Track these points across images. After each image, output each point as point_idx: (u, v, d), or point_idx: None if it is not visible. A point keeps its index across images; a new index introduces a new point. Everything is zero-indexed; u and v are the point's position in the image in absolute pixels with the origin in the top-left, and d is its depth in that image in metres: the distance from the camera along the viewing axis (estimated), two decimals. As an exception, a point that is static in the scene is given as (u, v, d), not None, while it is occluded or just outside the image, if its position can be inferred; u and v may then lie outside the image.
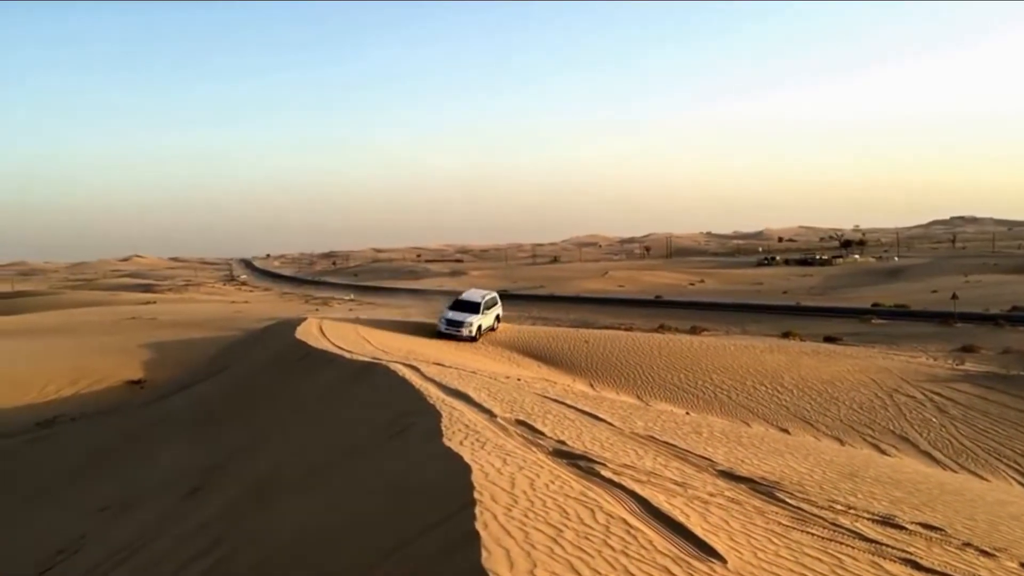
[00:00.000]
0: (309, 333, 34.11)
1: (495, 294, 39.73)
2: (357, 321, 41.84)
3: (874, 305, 64.70)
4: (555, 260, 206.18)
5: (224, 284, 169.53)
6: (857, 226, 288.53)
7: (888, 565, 6.72)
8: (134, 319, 60.53)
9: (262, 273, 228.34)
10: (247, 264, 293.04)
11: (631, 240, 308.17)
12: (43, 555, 14.63)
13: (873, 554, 6.98)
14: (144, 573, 10.96)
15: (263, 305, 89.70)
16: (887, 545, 7.29)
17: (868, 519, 8.19)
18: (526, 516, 6.72)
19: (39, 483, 20.72)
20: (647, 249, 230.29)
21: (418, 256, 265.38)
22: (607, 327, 49.80)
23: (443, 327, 35.77)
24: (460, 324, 35.27)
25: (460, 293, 39.39)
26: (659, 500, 7.56)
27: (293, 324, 37.66)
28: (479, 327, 36.10)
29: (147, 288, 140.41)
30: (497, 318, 38.87)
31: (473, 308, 36.53)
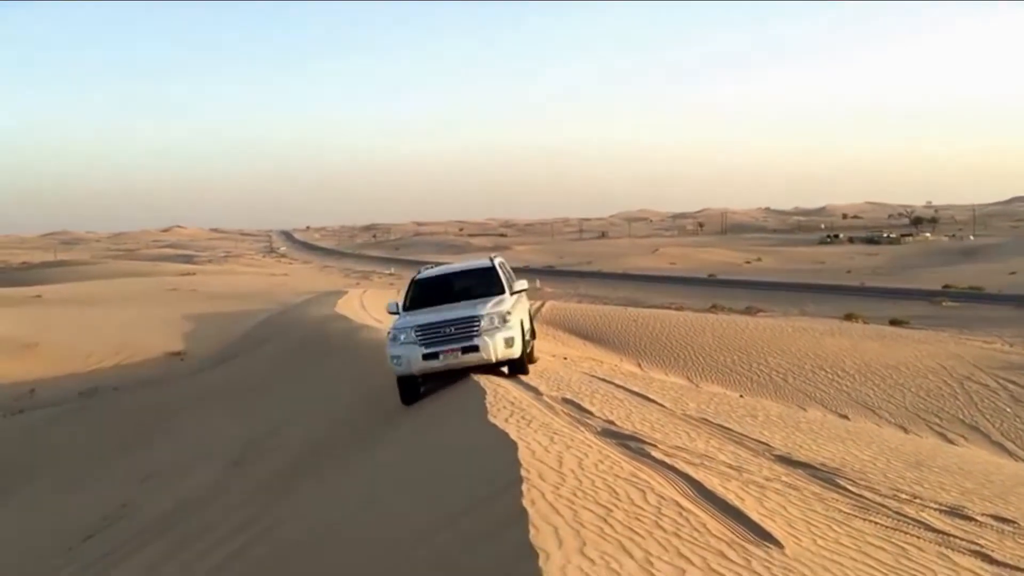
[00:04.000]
0: (350, 307, 34.25)
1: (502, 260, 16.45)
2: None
3: (945, 287, 62.54)
4: (603, 235, 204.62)
5: (264, 256, 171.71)
6: (929, 202, 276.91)
7: (957, 557, 6.37)
8: (175, 290, 61.57)
9: (302, 245, 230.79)
10: (287, 236, 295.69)
11: (683, 215, 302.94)
12: (88, 521, 14.85)
13: (940, 545, 6.62)
14: (188, 543, 11.00)
15: (303, 278, 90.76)
16: (956, 536, 6.92)
17: (935, 509, 7.80)
18: (575, 495, 6.53)
19: (83, 451, 21.11)
20: (700, 225, 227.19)
21: (460, 230, 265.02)
22: (657, 306, 49.25)
23: (407, 350, 13.41)
24: (470, 327, 13.48)
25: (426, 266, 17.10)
26: (713, 483, 7.29)
27: (333, 298, 37.80)
28: (523, 334, 14.53)
29: (187, 259, 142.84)
30: (532, 327, 17.67)
31: (486, 283, 15.08)
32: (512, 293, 14.81)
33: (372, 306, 35.11)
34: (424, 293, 14.95)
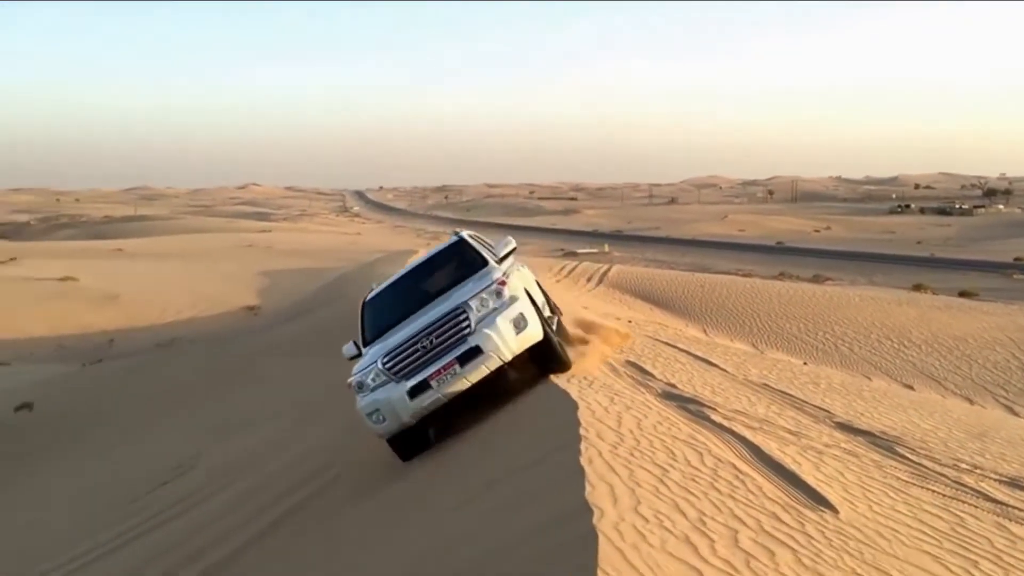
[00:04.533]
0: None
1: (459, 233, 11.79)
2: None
3: (1017, 259, 60.93)
4: (672, 201, 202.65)
5: (337, 215, 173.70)
6: (1003, 174, 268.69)
7: (1014, 527, 6.34)
8: (250, 247, 62.96)
9: (375, 205, 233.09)
10: (360, 196, 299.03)
11: (754, 183, 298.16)
12: (161, 468, 15.44)
13: (998, 515, 6.59)
14: (254, 493, 11.43)
15: (375, 237, 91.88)
16: (1015, 507, 6.87)
17: (995, 480, 7.74)
18: (632, 455, 6.64)
19: (158, 401, 21.86)
20: (770, 193, 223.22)
21: (531, 193, 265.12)
22: (724, 272, 48.78)
23: (383, 395, 9.37)
24: (457, 324, 9.37)
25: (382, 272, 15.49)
26: (771, 447, 7.35)
27: (405, 256, 38.15)
28: (538, 307, 10.19)
29: (263, 217, 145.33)
30: (549, 300, 12.55)
31: (461, 262, 10.92)
32: (500, 260, 10.62)
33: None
34: (384, 314, 10.70)
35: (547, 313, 11.28)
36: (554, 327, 10.98)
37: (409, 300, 10.59)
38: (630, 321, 23.24)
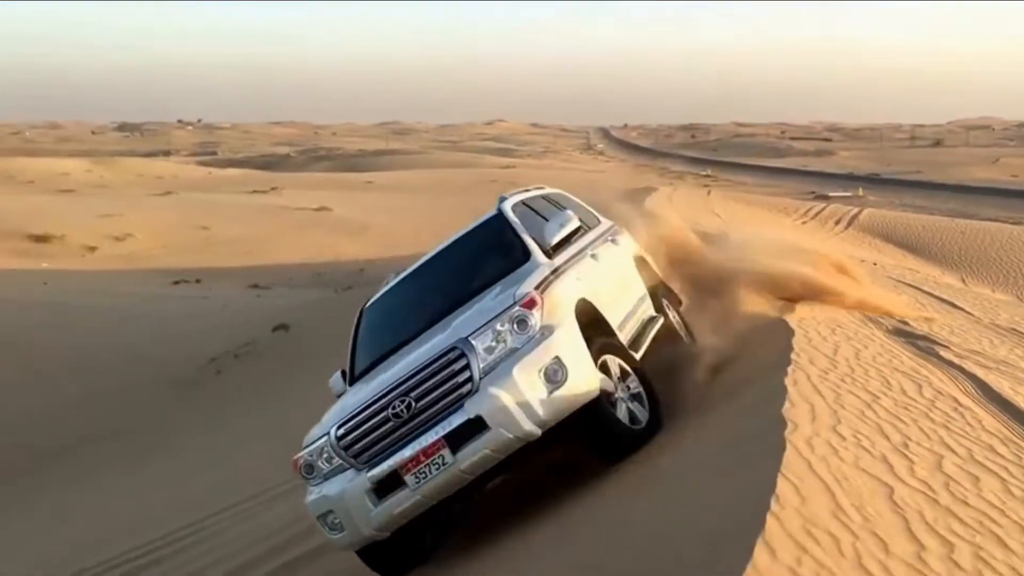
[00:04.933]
0: (659, 206, 34.35)
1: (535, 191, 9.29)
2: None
3: None
4: (937, 143, 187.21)
5: (580, 153, 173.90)
6: None
7: None
8: (494, 182, 64.79)
9: (618, 143, 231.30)
10: (604, 133, 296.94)
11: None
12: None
13: None
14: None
15: (617, 175, 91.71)
16: None
17: None
18: (842, 380, 6.49)
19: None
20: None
21: (782, 132, 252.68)
22: (990, 219, 44.90)
23: (336, 489, 5.78)
24: (449, 381, 5.63)
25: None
26: (1002, 386, 6.88)
27: (642, 195, 38.01)
28: (607, 330, 6.58)
29: (507, 153, 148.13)
30: (658, 288, 8.74)
31: (494, 254, 7.44)
32: (553, 250, 6.99)
33: (680, 204, 35.03)
34: (384, 332, 7.46)
35: (646, 315, 7.98)
36: (647, 338, 7.47)
37: (421, 311, 7.15)
38: (875, 263, 22.16)
